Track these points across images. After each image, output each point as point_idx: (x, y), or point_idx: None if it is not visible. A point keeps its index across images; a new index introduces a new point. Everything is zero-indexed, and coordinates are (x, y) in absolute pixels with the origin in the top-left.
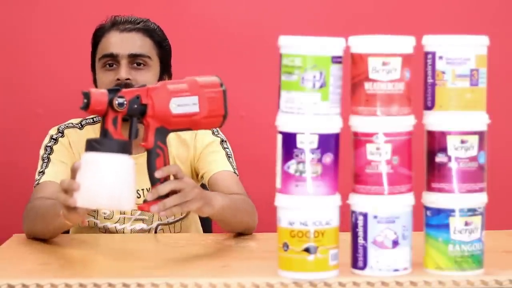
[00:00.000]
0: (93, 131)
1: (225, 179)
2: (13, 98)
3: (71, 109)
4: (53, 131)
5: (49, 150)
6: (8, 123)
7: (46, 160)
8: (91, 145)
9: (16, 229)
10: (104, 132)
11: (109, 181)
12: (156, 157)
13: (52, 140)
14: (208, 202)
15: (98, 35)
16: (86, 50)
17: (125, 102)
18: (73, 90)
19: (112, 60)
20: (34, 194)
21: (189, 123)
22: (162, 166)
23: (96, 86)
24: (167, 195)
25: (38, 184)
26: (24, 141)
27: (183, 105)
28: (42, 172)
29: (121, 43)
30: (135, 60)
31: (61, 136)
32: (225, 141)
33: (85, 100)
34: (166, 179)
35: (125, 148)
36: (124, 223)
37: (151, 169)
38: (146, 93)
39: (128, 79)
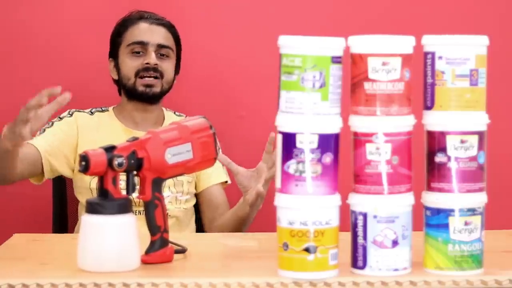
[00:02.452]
0: (104, 118)
1: (217, 197)
2: (13, 98)
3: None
4: (64, 114)
5: (50, 124)
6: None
7: (41, 132)
8: (93, 208)
9: (16, 229)
10: (103, 192)
11: (116, 246)
12: (154, 208)
13: (58, 118)
14: None
15: (125, 25)
16: (86, 50)
17: (124, 161)
18: (73, 90)
19: (141, 47)
20: None
21: (183, 170)
22: (161, 216)
23: (118, 72)
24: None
25: None
26: None
27: (178, 153)
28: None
29: (151, 33)
30: (161, 50)
31: (68, 116)
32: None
33: (83, 163)
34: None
35: (126, 207)
36: None
37: (150, 220)
38: (140, 146)
39: (156, 64)
